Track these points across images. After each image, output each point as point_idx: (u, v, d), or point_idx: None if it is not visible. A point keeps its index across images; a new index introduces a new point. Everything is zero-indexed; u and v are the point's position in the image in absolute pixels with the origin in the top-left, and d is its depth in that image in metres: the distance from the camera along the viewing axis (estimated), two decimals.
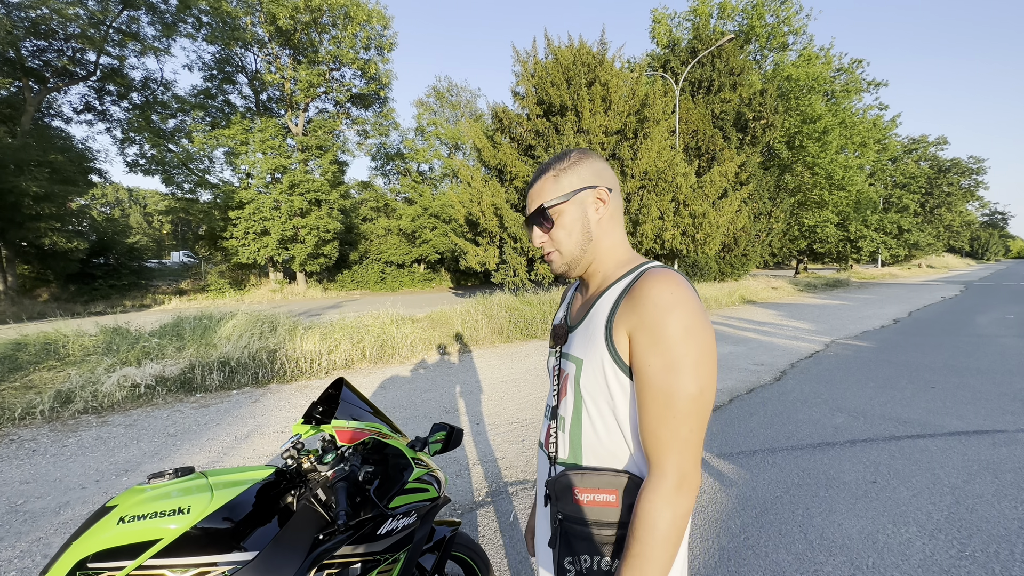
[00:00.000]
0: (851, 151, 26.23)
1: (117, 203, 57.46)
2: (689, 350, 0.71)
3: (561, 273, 0.90)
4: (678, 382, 0.70)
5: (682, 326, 0.71)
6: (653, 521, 0.69)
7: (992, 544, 2.25)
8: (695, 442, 0.71)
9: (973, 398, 4.58)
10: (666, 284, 0.74)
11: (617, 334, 0.77)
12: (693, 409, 0.71)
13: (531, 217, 0.89)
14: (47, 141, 16.76)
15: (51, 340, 5.73)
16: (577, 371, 0.83)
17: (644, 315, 0.73)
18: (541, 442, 0.97)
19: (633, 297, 0.76)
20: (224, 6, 20.26)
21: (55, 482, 3.14)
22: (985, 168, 50.54)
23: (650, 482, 0.72)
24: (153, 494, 1.00)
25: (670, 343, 0.71)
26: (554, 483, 0.81)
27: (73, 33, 16.98)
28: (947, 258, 60.41)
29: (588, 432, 0.82)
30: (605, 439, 0.81)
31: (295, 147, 23.54)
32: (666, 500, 0.69)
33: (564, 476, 0.80)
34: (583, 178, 0.86)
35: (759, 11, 25.06)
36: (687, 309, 0.72)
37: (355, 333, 6.84)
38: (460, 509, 2.69)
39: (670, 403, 0.70)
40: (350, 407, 1.30)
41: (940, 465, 3.12)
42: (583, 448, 0.83)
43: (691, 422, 0.71)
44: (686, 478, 0.70)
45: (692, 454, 0.71)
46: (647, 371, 0.72)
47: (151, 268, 25.03)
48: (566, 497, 0.78)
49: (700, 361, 0.71)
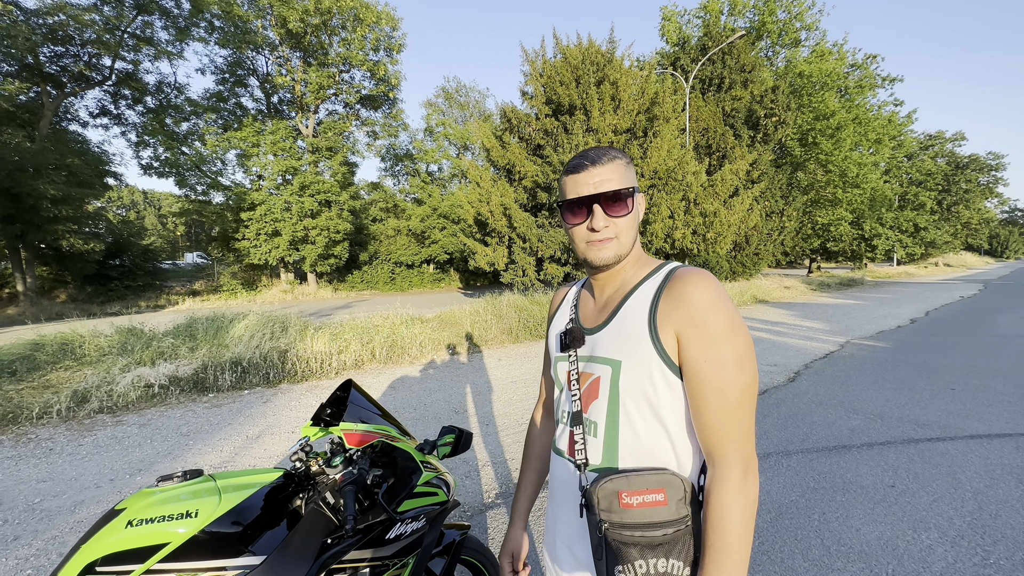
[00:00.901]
0: (865, 148, 25.80)
1: (132, 205, 58.43)
2: (737, 343, 0.75)
3: (603, 264, 0.86)
4: (733, 374, 0.74)
5: (728, 320, 0.75)
6: (730, 513, 0.71)
7: (1018, 552, 2.18)
8: (752, 429, 0.75)
9: (994, 400, 4.47)
10: (707, 282, 0.77)
11: (663, 333, 0.78)
12: (747, 398, 0.75)
13: (599, 197, 0.83)
14: (64, 145, 17.08)
15: (68, 340, 5.83)
16: (615, 373, 0.82)
17: (692, 313, 0.75)
18: (561, 450, 0.93)
19: (675, 296, 0.78)
20: (236, 10, 20.51)
21: (71, 481, 3.18)
22: (1005, 164, 49.41)
23: (718, 474, 0.74)
24: (162, 497, 0.99)
25: (720, 338, 0.74)
26: (595, 490, 0.77)
27: (89, 39, 17.31)
28: (965, 256, 59.20)
29: (627, 434, 0.82)
30: (646, 439, 0.81)
31: (305, 149, 23.76)
32: (738, 489, 0.72)
33: (608, 482, 0.76)
34: (635, 179, 0.88)
35: (771, 7, 24.73)
36: (728, 305, 0.76)
37: (365, 333, 6.87)
38: (469, 511, 2.67)
39: (727, 395, 0.73)
40: (359, 409, 1.28)
41: (961, 469, 3.04)
42: (620, 450, 0.82)
43: (747, 411, 0.74)
44: (750, 464, 0.74)
45: (751, 441, 0.75)
46: (703, 367, 0.75)
47: (165, 269, 25.43)
48: (612, 503, 0.75)
49: (747, 352, 0.75)
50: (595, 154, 0.86)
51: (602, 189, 0.83)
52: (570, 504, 0.89)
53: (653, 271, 0.86)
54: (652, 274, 0.85)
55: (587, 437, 0.86)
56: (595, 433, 0.85)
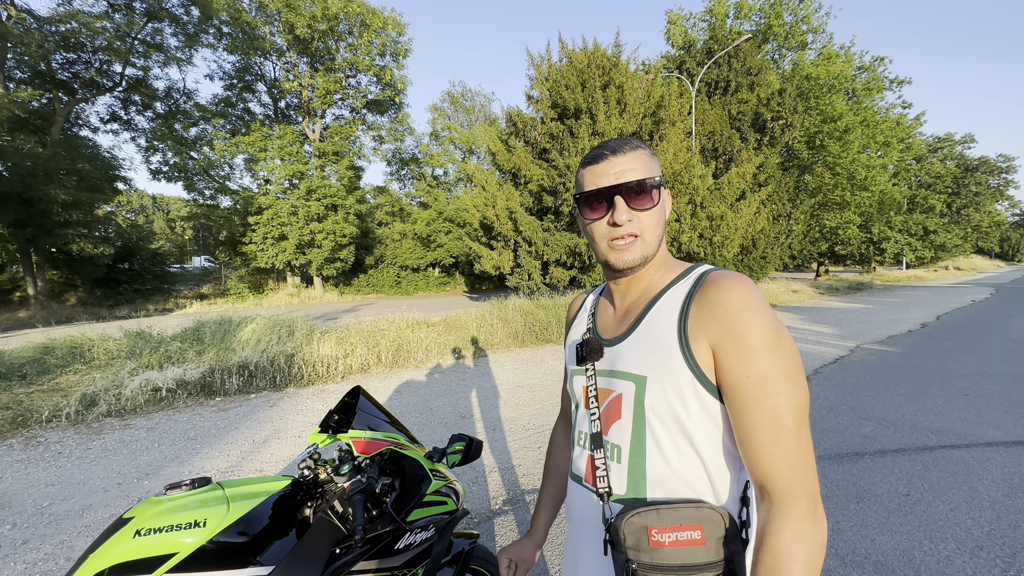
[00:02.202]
0: (874, 150, 25.60)
1: (141, 210, 59.09)
2: (783, 355, 0.64)
3: (627, 267, 0.76)
4: (783, 392, 0.63)
5: (772, 330, 0.65)
6: (792, 559, 0.58)
7: None
8: (813, 456, 0.64)
9: (1010, 407, 4.39)
10: (745, 288, 0.67)
11: (696, 345, 0.68)
12: (803, 419, 0.64)
13: (620, 188, 0.74)
14: (75, 150, 17.31)
15: (77, 344, 5.87)
16: (638, 390, 0.72)
17: (729, 322, 0.65)
18: (579, 476, 0.83)
19: (708, 303, 0.68)
20: (244, 16, 20.75)
21: (79, 485, 3.19)
22: (1015, 167, 48.83)
23: (777, 511, 0.61)
24: (170, 506, 0.98)
25: (765, 351, 0.64)
26: (620, 525, 0.67)
27: (100, 46, 17.57)
28: (975, 260, 58.51)
29: (655, 460, 0.72)
30: (677, 466, 0.70)
31: (312, 153, 23.92)
32: (803, 530, 0.60)
33: (635, 515, 0.66)
34: (660, 171, 0.78)
35: (777, 10, 24.66)
36: (769, 312, 0.66)
37: (371, 337, 6.88)
38: (476, 518, 2.65)
39: (780, 417, 0.62)
40: (367, 416, 1.27)
41: (978, 477, 2.98)
42: (648, 479, 0.72)
43: (805, 434, 0.63)
44: (816, 499, 0.62)
45: (814, 471, 0.63)
46: (746, 384, 0.64)
47: (173, 273, 25.64)
48: (640, 541, 0.65)
49: (796, 365, 0.65)
50: (616, 144, 0.77)
51: (624, 179, 0.74)
52: (592, 538, 0.79)
53: (682, 274, 0.76)
54: (680, 278, 0.76)
55: (609, 463, 0.76)
56: (618, 458, 0.75)
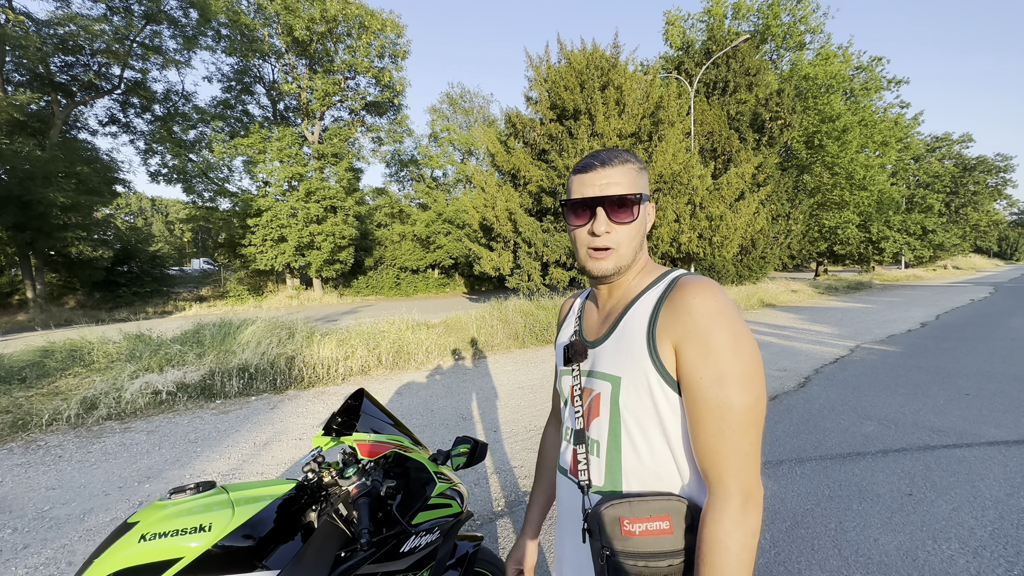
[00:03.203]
0: (872, 150, 25.64)
1: (140, 212, 59.02)
2: (740, 359, 0.68)
3: (602, 275, 0.82)
4: (732, 393, 0.67)
5: (731, 334, 0.69)
6: (724, 545, 0.64)
7: None
8: (755, 455, 0.68)
9: (1011, 406, 4.39)
10: (708, 292, 0.71)
11: (662, 347, 0.73)
12: (751, 420, 0.67)
13: (603, 200, 0.78)
14: (74, 153, 17.27)
15: (77, 347, 5.86)
16: (614, 390, 0.78)
17: (690, 325, 0.70)
18: (564, 468, 0.89)
19: (675, 306, 0.73)
20: (243, 19, 20.76)
21: (80, 488, 3.18)
22: (1013, 166, 48.91)
23: (714, 503, 0.67)
24: (174, 510, 0.98)
25: (720, 353, 0.68)
26: (597, 516, 0.73)
27: (99, 48, 17.56)
28: (974, 259, 58.60)
29: (629, 455, 0.77)
30: (649, 461, 0.76)
31: (311, 155, 23.92)
32: (734, 521, 0.65)
33: (609, 507, 0.72)
34: (647, 186, 0.82)
35: (775, 10, 24.71)
36: (732, 317, 0.70)
37: (371, 339, 6.87)
38: (479, 520, 2.64)
39: (726, 416, 0.67)
40: (371, 419, 1.27)
41: (980, 477, 2.98)
42: (623, 473, 0.77)
43: (750, 435, 0.67)
44: (751, 495, 0.66)
45: (754, 468, 0.67)
46: (699, 384, 0.69)
47: (173, 275, 25.56)
48: (614, 530, 0.71)
49: (751, 369, 0.68)
50: (606, 155, 0.81)
51: (607, 192, 0.78)
52: (575, 527, 0.84)
53: (657, 279, 0.81)
54: (655, 283, 0.80)
55: (590, 457, 0.82)
56: (597, 453, 0.81)
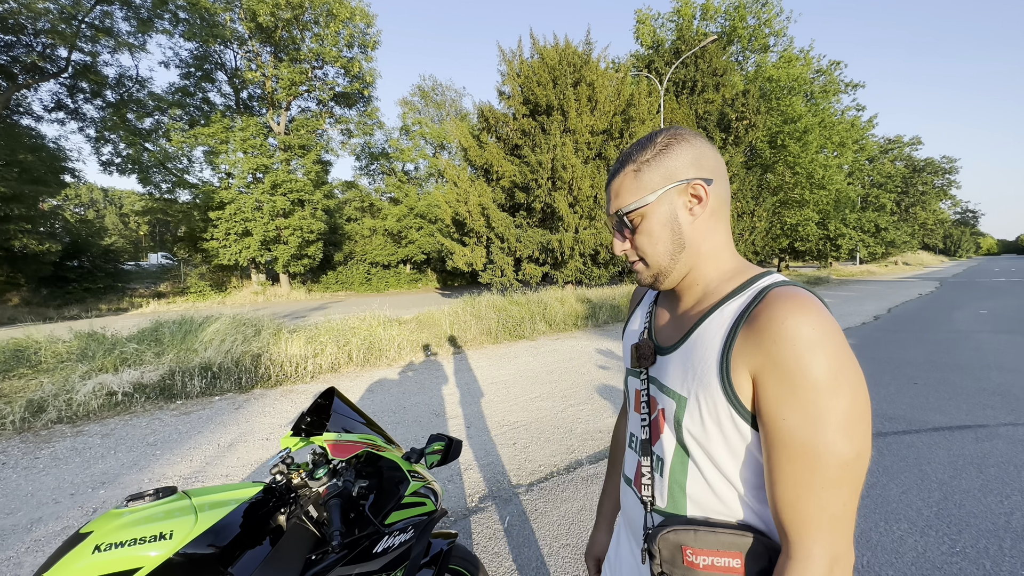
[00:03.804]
0: (830, 151, 26.79)
1: (91, 204, 55.87)
2: (840, 401, 0.55)
3: (648, 285, 0.76)
4: (827, 441, 0.55)
5: (829, 369, 0.55)
6: None
7: (981, 539, 2.28)
8: (849, 518, 0.56)
9: (954, 393, 4.68)
10: (805, 313, 0.57)
11: (737, 374, 0.61)
12: (847, 477, 0.55)
13: (609, 220, 0.76)
14: (16, 140, 16.18)
15: (22, 347, 5.51)
16: (678, 410, 0.68)
17: (776, 354, 0.57)
18: (629, 478, 0.81)
19: (757, 328, 0.59)
20: (203, 2, 19.81)
21: (27, 497, 3.00)
22: (957, 168, 52.24)
23: (790, 566, 0.56)
24: (132, 518, 0.93)
25: (814, 392, 0.55)
26: (657, 538, 0.66)
27: (43, 28, 16.43)
28: (922, 255, 62.08)
29: (694, 479, 0.68)
30: (716, 490, 0.66)
31: (277, 146, 23.15)
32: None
33: (671, 531, 0.65)
34: (671, 171, 0.69)
35: (741, 13, 25.42)
36: (834, 346, 0.56)
37: (341, 336, 6.73)
38: (453, 516, 2.64)
39: (816, 468, 0.55)
40: (342, 418, 1.24)
41: (927, 461, 3.17)
42: (687, 497, 0.69)
43: (844, 493, 0.56)
44: (839, 560, 0.56)
45: (846, 532, 0.56)
46: (781, 426, 0.57)
47: (128, 271, 24.35)
48: (674, 558, 0.64)
49: (854, 415, 0.55)
50: (620, 158, 0.74)
51: (612, 210, 0.74)
52: (634, 540, 0.79)
53: (743, 285, 0.67)
54: (740, 290, 0.67)
55: (654, 474, 0.73)
56: (661, 472, 0.72)
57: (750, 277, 0.68)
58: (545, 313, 9.43)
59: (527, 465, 3.28)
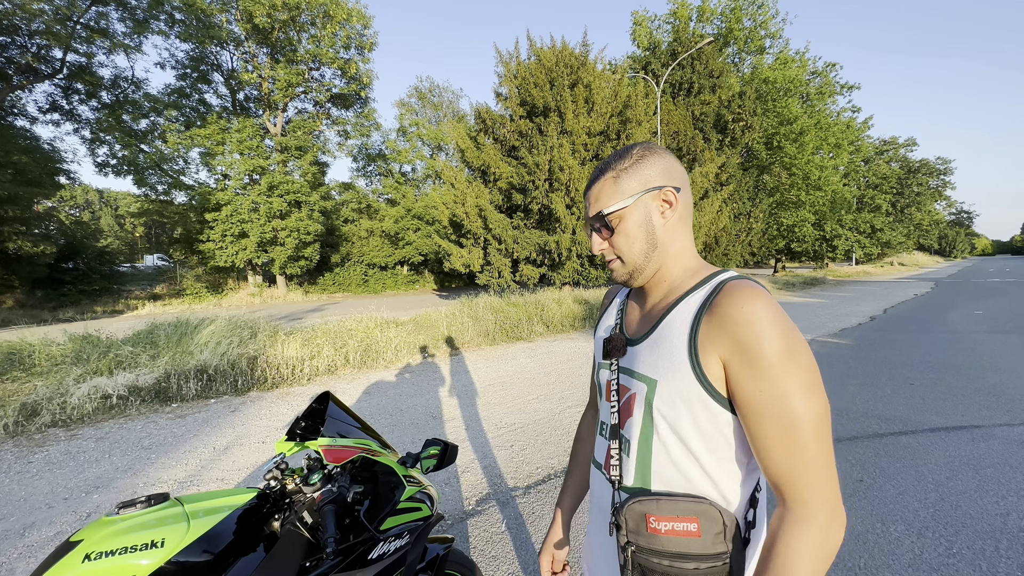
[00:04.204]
0: (826, 152, 26.91)
1: (87, 205, 55.61)
2: (799, 368, 0.64)
3: (623, 281, 0.84)
4: (797, 405, 0.64)
5: (784, 343, 0.65)
6: (800, 563, 0.61)
7: (978, 541, 2.28)
8: (833, 468, 0.65)
9: (950, 394, 4.70)
10: (758, 300, 0.67)
11: (705, 358, 0.70)
12: (822, 432, 0.64)
13: (589, 222, 0.83)
14: (10, 141, 16.04)
15: (15, 349, 5.46)
16: (649, 392, 0.76)
17: (739, 336, 0.66)
18: (599, 463, 0.89)
19: (719, 316, 0.69)
20: (198, 3, 19.73)
21: (19, 502, 2.97)
22: (952, 169, 52.47)
23: (792, 519, 0.64)
24: (123, 526, 0.92)
25: (777, 364, 0.64)
26: (624, 510, 0.74)
27: (38, 29, 16.32)
28: (917, 256, 62.44)
29: (660, 456, 0.76)
30: (682, 466, 0.74)
31: (274, 148, 23.06)
32: (817, 540, 0.62)
33: (636, 502, 0.73)
34: (647, 178, 0.79)
35: (737, 15, 25.50)
36: (784, 324, 0.66)
37: (338, 338, 6.71)
38: (450, 520, 2.62)
39: (794, 430, 0.64)
40: (337, 423, 1.23)
41: (923, 462, 3.17)
42: (653, 474, 0.77)
43: (824, 446, 0.64)
44: (836, 511, 0.64)
45: (834, 482, 0.65)
46: (757, 398, 0.65)
47: (123, 272, 24.17)
48: (639, 526, 0.72)
49: (812, 378, 0.65)
50: (598, 169, 0.83)
51: (592, 212, 0.82)
52: (604, 520, 0.86)
53: (703, 281, 0.77)
54: (701, 285, 0.77)
55: (622, 455, 0.81)
56: (628, 452, 0.80)
57: (709, 274, 0.78)
58: (542, 314, 9.43)
59: (524, 467, 3.27)
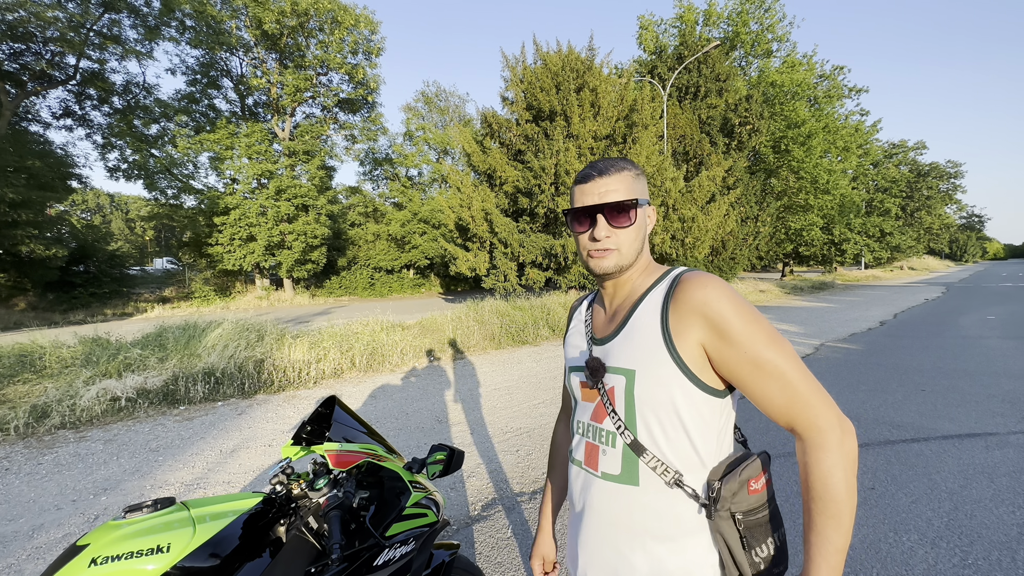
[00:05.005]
0: (834, 156, 26.70)
1: (98, 209, 56.31)
2: (760, 327, 0.74)
3: (604, 273, 0.88)
4: (774, 351, 0.73)
5: (744, 311, 0.75)
6: (835, 479, 0.68)
7: (994, 551, 2.23)
8: (823, 390, 0.74)
9: (963, 400, 4.62)
10: (712, 282, 0.77)
11: (680, 344, 0.77)
12: (800, 366, 0.74)
13: (602, 208, 0.85)
14: (24, 146, 16.34)
15: (27, 352, 5.53)
16: (628, 382, 0.81)
17: (708, 314, 0.75)
18: (579, 460, 0.92)
19: (685, 302, 0.77)
20: (209, 10, 20.02)
21: (29, 503, 2.99)
22: (963, 172, 51.89)
23: (814, 444, 0.71)
24: (129, 530, 0.92)
25: (744, 329, 0.74)
26: (721, 487, 0.78)
27: (52, 36, 16.62)
28: (927, 260, 61.70)
29: (646, 444, 0.81)
30: (666, 448, 0.80)
31: (282, 152, 23.29)
32: (839, 453, 0.69)
33: (730, 475, 0.78)
34: (646, 192, 0.89)
35: (744, 19, 25.45)
36: (737, 298, 0.76)
37: (344, 341, 6.73)
38: (456, 525, 2.61)
39: (783, 371, 0.73)
40: (343, 428, 1.23)
41: (936, 470, 3.12)
42: (640, 462, 0.81)
43: (808, 376, 0.73)
44: (843, 424, 0.71)
45: (831, 401, 0.73)
46: (745, 361, 0.74)
47: (133, 275, 24.45)
48: (738, 495, 0.78)
49: (771, 330, 0.75)
50: (603, 165, 0.87)
51: (606, 200, 0.85)
52: (591, 516, 0.88)
53: (660, 277, 0.86)
54: (659, 281, 0.85)
55: (606, 448, 0.85)
56: (613, 443, 0.84)
57: (664, 271, 0.88)
58: (548, 318, 9.41)
59: (530, 473, 3.25)
